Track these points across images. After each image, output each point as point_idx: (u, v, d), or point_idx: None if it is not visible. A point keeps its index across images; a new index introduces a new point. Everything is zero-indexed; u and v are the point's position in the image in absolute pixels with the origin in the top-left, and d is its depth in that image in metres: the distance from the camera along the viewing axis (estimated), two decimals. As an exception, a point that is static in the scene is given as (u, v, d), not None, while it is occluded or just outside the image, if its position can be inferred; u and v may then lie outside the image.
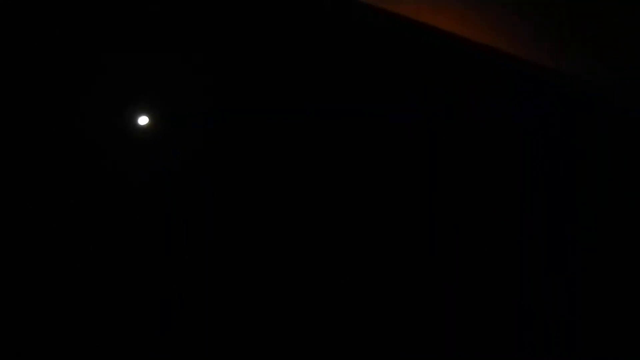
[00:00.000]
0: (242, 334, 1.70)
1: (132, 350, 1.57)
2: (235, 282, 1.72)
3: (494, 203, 2.20)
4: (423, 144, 2.11)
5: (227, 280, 1.72)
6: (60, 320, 1.53)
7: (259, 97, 1.86)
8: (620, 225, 2.51)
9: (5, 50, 1.63)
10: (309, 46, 1.95)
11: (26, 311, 1.51)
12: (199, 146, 1.74)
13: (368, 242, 1.89)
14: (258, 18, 1.89)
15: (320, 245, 1.83)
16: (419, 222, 2.03)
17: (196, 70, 1.78)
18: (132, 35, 1.71)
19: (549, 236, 2.32)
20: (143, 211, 1.64)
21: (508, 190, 2.24)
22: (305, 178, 1.84)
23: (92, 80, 1.65)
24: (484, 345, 2.09)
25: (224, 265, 1.72)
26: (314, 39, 1.97)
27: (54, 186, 1.57)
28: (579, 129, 2.50)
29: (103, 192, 1.60)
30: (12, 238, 1.55)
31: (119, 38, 1.69)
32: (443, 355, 1.97)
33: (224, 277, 1.71)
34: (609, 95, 2.59)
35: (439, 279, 2.00)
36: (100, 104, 1.65)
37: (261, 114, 1.84)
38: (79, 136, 1.60)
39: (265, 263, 1.76)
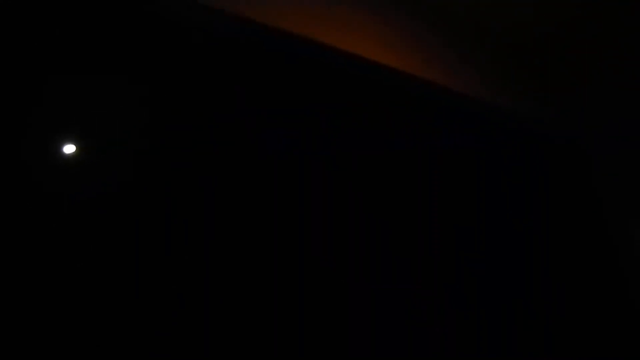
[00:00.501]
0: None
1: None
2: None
3: (414, 230, 2.20)
4: (356, 171, 2.10)
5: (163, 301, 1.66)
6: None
7: (182, 126, 1.83)
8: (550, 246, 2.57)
9: None
10: (243, 80, 1.95)
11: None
12: (124, 174, 1.71)
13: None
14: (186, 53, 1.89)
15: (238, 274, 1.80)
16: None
17: (120, 99, 1.75)
18: (58, 65, 1.68)
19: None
20: (68, 238, 1.59)
21: (428, 217, 2.24)
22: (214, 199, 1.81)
23: (20, 109, 1.60)
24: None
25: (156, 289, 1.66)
26: (237, 64, 1.96)
27: None
28: (505, 156, 2.56)
29: (29, 218, 1.55)
30: None
31: (46, 67, 1.66)
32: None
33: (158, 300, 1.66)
34: (535, 125, 2.67)
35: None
36: (28, 133, 1.60)
37: (184, 142, 1.82)
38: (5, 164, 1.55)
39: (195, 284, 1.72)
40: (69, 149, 1.65)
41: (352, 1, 2.23)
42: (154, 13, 1.83)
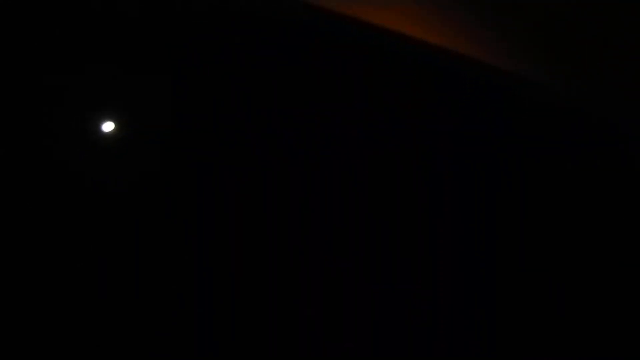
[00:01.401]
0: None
1: None
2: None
3: (445, 211, 2.17)
4: (385, 150, 2.09)
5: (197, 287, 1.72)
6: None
7: (218, 104, 1.85)
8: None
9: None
10: (263, 53, 1.95)
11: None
12: (162, 153, 1.74)
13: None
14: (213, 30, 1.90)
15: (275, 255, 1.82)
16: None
17: (156, 81, 1.78)
18: (95, 46, 1.72)
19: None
20: (109, 218, 1.65)
21: (462, 197, 2.22)
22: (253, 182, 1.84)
23: (58, 90, 1.65)
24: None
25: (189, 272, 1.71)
26: (270, 44, 1.97)
27: (20, 193, 1.58)
28: (540, 135, 2.50)
29: (68, 199, 1.61)
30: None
31: (83, 49, 1.70)
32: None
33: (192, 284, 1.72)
34: (573, 102, 2.61)
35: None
36: (66, 112, 1.65)
37: (220, 121, 1.84)
38: (44, 144, 1.61)
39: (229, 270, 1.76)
40: (108, 126, 1.70)
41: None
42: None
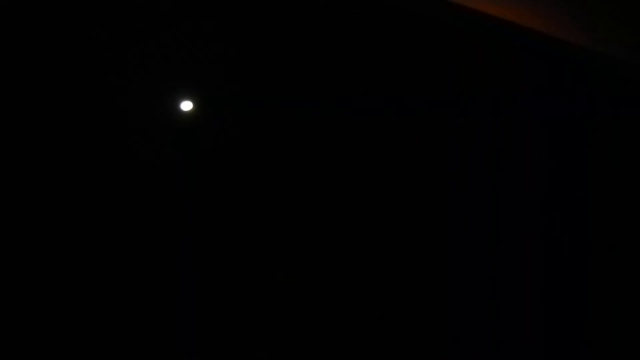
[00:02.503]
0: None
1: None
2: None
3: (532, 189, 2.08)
4: (465, 130, 2.02)
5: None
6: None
7: (296, 84, 1.85)
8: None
9: (49, 35, 1.66)
10: (354, 34, 1.92)
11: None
12: (235, 132, 1.76)
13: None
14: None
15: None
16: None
17: (231, 59, 1.78)
18: (173, 24, 1.73)
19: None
20: (185, 193, 1.70)
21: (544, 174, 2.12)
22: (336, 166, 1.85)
23: (135, 67, 1.70)
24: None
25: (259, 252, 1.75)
26: (357, 26, 1.93)
27: (98, 169, 1.64)
28: (624, 116, 2.35)
29: (144, 175, 1.67)
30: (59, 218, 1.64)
31: (160, 27, 1.72)
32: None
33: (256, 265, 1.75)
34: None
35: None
36: (143, 90, 1.69)
37: (299, 100, 1.85)
38: (122, 121, 1.67)
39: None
40: (186, 105, 1.72)
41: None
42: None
